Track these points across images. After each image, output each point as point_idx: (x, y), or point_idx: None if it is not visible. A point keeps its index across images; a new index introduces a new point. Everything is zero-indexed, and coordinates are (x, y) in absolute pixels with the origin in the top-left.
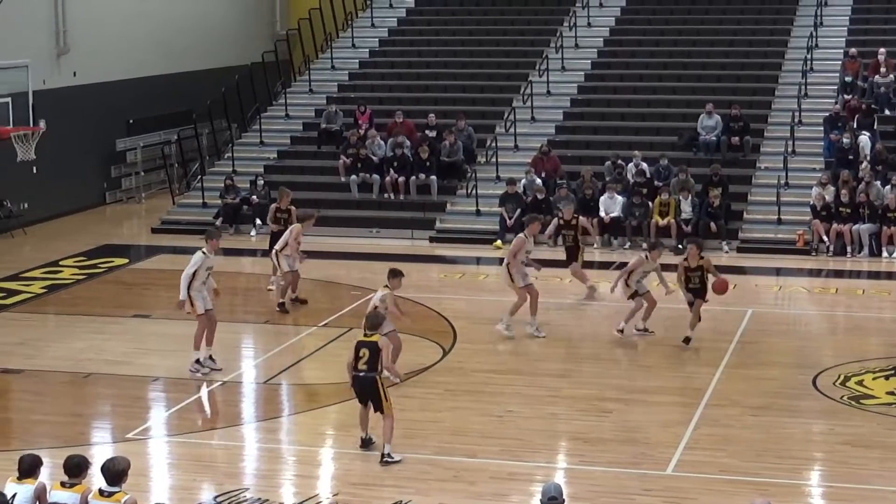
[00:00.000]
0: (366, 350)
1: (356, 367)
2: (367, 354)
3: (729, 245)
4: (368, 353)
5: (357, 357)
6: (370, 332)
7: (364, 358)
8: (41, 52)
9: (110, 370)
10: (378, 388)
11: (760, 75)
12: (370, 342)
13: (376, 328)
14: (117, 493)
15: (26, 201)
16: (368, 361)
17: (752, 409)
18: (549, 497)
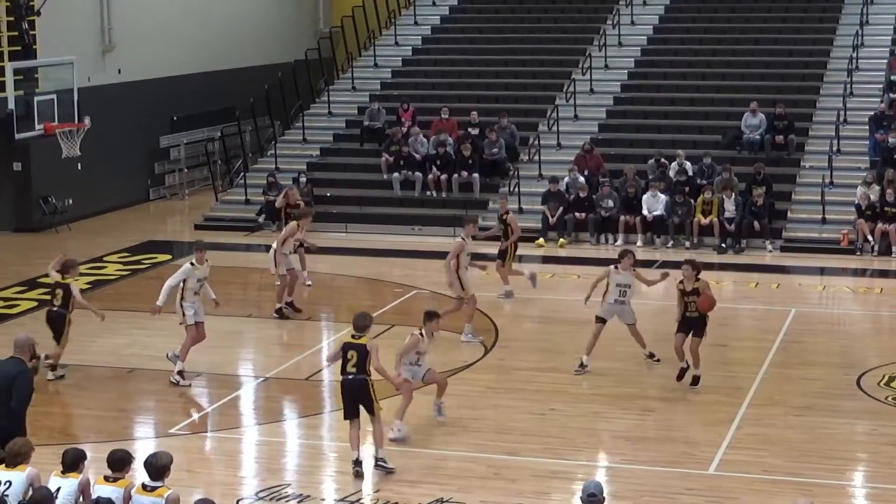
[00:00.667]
0: (354, 352)
1: (345, 369)
2: (356, 357)
3: (772, 244)
4: (357, 356)
5: (346, 360)
6: (358, 334)
7: (353, 360)
8: (86, 49)
9: (153, 365)
10: (369, 390)
11: (805, 73)
12: (359, 344)
13: (364, 329)
14: (160, 487)
15: (71, 197)
16: (357, 364)
17: (795, 408)
18: (588, 494)
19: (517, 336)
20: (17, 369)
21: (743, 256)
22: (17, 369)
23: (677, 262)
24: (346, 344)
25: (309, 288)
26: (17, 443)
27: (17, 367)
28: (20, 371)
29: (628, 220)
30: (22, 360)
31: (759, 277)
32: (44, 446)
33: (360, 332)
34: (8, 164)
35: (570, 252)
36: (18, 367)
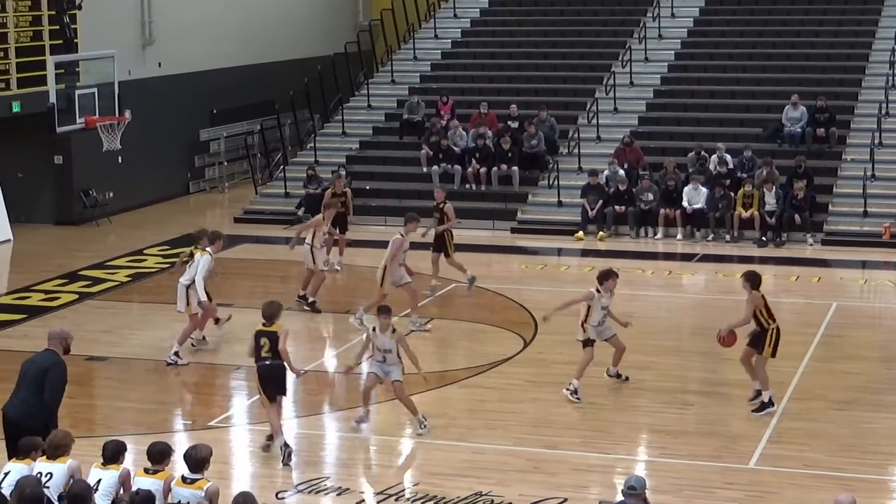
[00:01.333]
0: (266, 339)
1: (259, 356)
2: (269, 344)
3: (814, 238)
4: (269, 343)
5: (259, 347)
6: (268, 322)
7: (266, 347)
8: (127, 42)
9: (193, 358)
10: (284, 376)
11: (847, 66)
12: (269, 332)
13: (273, 318)
14: (200, 480)
15: (111, 190)
16: (271, 350)
17: (836, 403)
18: (628, 486)
19: (556, 329)
20: (51, 361)
21: (783, 250)
22: (50, 361)
23: (717, 256)
24: (258, 332)
25: (337, 273)
26: (58, 434)
27: (51, 359)
28: (53, 363)
29: (668, 214)
30: (55, 352)
31: (799, 271)
32: (84, 438)
33: (269, 321)
34: (49, 157)
35: (609, 245)
36: (52, 358)
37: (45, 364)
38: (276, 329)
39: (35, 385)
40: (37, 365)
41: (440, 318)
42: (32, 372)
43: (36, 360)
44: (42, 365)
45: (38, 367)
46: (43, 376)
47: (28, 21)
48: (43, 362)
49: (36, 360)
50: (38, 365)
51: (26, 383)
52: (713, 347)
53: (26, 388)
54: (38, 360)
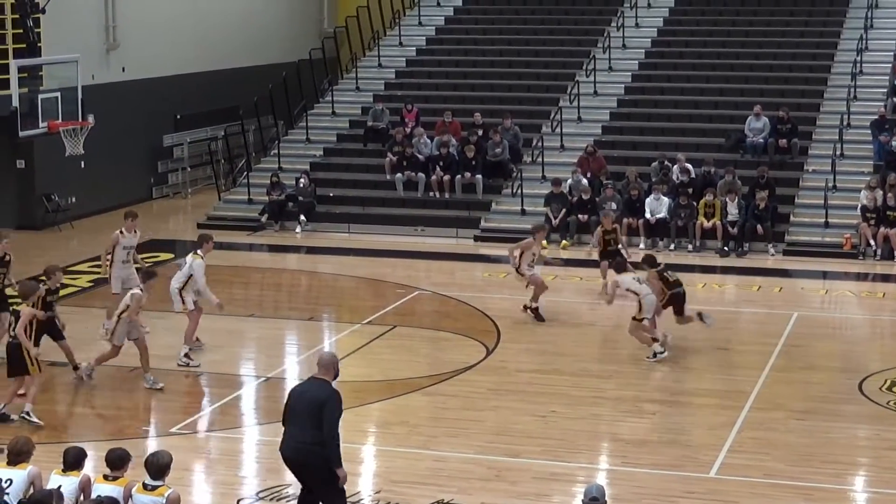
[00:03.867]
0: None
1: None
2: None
3: (775, 248)
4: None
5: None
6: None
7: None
8: (91, 47)
9: (154, 365)
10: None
11: (809, 77)
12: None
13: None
14: (160, 486)
15: (74, 195)
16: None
17: (796, 412)
18: (590, 497)
19: (518, 338)
20: (326, 393)
21: (745, 260)
22: (325, 393)
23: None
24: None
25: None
26: (19, 441)
27: (326, 391)
28: (329, 395)
29: (631, 223)
30: (328, 383)
31: (761, 281)
32: (44, 445)
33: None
34: (11, 161)
35: (572, 254)
36: (327, 389)
37: (320, 396)
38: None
39: (311, 419)
40: (310, 396)
41: (403, 326)
42: (305, 405)
43: (308, 392)
44: (317, 396)
45: (311, 399)
46: (319, 410)
47: None
48: (317, 394)
49: (308, 391)
50: (311, 396)
51: (301, 418)
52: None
53: (301, 423)
54: (309, 391)
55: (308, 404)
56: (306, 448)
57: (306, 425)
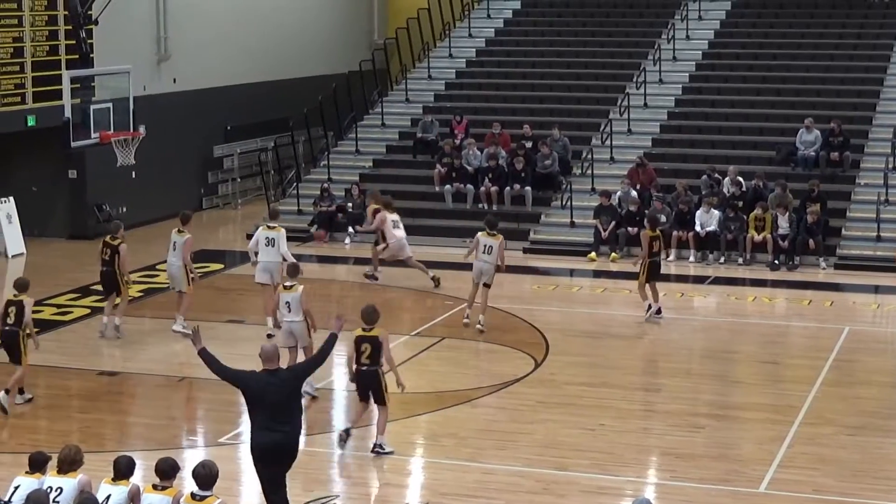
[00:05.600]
0: (367, 345)
1: (359, 361)
2: (370, 349)
3: (826, 262)
4: (370, 348)
5: (359, 352)
6: (368, 327)
7: (366, 353)
8: (142, 58)
9: (204, 374)
10: (380, 380)
11: (861, 90)
12: (372, 337)
13: (373, 322)
14: (209, 497)
15: (125, 205)
16: (371, 356)
17: (848, 428)
18: None
19: (568, 350)
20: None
21: (796, 273)
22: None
23: (730, 279)
24: (358, 337)
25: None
26: (70, 449)
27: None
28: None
29: (681, 236)
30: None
31: (812, 295)
32: (94, 453)
33: (370, 325)
34: (63, 171)
35: (621, 266)
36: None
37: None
38: (376, 334)
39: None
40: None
41: (451, 338)
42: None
43: (270, 385)
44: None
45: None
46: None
47: (44, 36)
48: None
49: (269, 384)
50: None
51: (272, 411)
52: (723, 370)
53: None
54: (271, 383)
55: (276, 397)
56: (284, 438)
57: (279, 417)
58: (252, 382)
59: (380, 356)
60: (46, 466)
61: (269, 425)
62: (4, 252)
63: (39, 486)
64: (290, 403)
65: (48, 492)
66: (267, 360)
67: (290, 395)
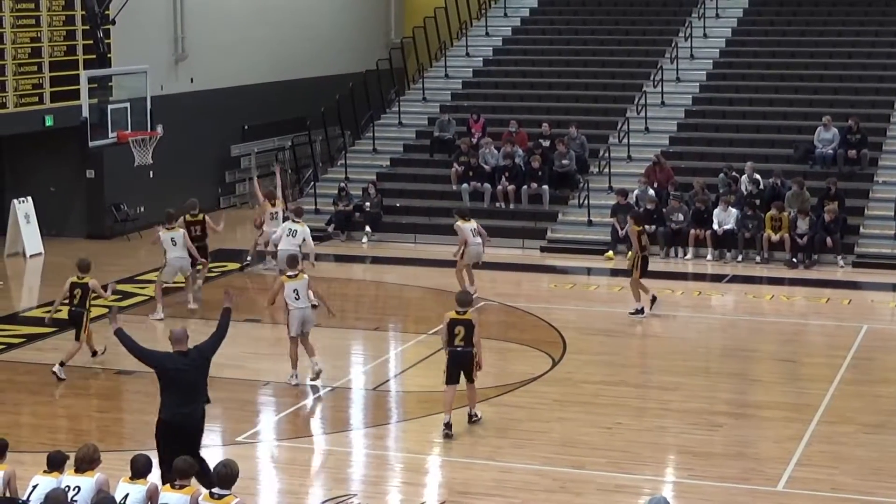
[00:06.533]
0: (461, 327)
1: (453, 343)
2: (463, 331)
3: (844, 260)
4: (464, 330)
5: (453, 334)
6: (462, 310)
7: (460, 335)
8: (160, 58)
9: (221, 374)
10: (473, 360)
11: (879, 87)
12: (465, 320)
13: (467, 305)
14: (227, 496)
15: (142, 205)
16: (465, 338)
17: (866, 426)
18: None
19: (584, 349)
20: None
21: (814, 272)
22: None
23: (747, 277)
24: (452, 320)
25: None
26: (88, 448)
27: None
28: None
29: (698, 234)
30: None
31: (830, 293)
32: (113, 452)
33: (463, 308)
34: (81, 171)
35: None
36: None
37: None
38: (470, 317)
39: (195, 390)
40: (187, 370)
41: None
42: (187, 378)
43: (183, 366)
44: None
45: (189, 371)
46: (202, 378)
47: (62, 36)
48: (191, 364)
49: (181, 364)
50: (188, 369)
51: (185, 390)
52: (742, 368)
53: (186, 395)
54: (184, 364)
55: (188, 376)
56: (195, 416)
57: (192, 396)
58: (167, 363)
59: (472, 337)
60: (64, 466)
61: (181, 403)
62: (23, 252)
63: (57, 486)
64: (200, 383)
65: (66, 491)
66: (177, 342)
67: (200, 375)
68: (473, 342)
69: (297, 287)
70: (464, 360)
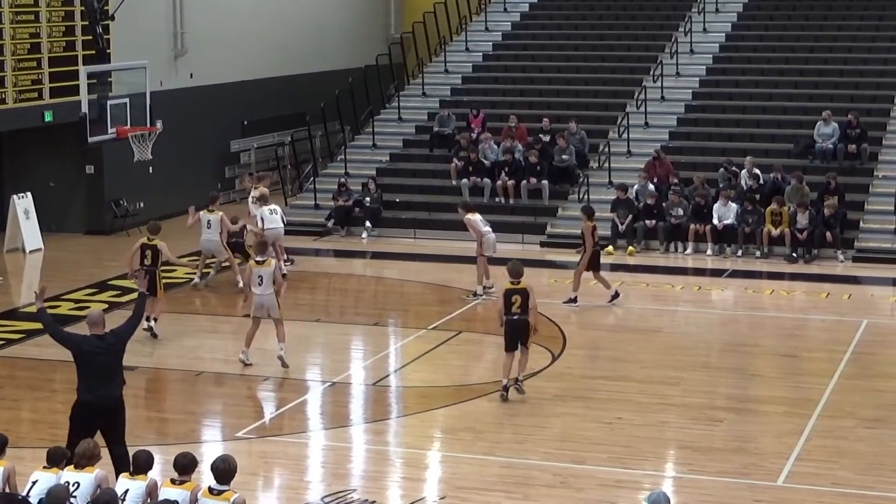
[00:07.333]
0: (518, 296)
1: (510, 311)
2: (520, 300)
3: (844, 254)
4: (521, 299)
5: (510, 303)
6: (516, 280)
7: (517, 303)
8: (159, 53)
9: (221, 369)
10: (529, 327)
11: (880, 82)
12: (521, 289)
13: (520, 275)
14: (226, 491)
15: (142, 200)
16: (521, 305)
17: (866, 421)
18: None
19: (584, 344)
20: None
21: (814, 266)
22: (112, 344)
23: (747, 272)
24: (508, 290)
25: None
26: (88, 445)
27: (110, 343)
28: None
29: (698, 229)
30: (106, 333)
31: (830, 288)
32: None
33: (517, 279)
34: (81, 167)
35: (639, 260)
36: (109, 340)
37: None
38: (524, 286)
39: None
40: (103, 352)
41: (468, 332)
42: (103, 361)
43: (99, 349)
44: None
45: (105, 353)
46: (117, 361)
47: (61, 31)
48: (107, 348)
49: (97, 348)
50: (104, 352)
51: (102, 372)
52: (742, 363)
53: (103, 377)
54: (100, 348)
55: (104, 358)
56: (111, 398)
57: (108, 378)
58: (84, 345)
59: (528, 305)
60: (64, 462)
61: (97, 386)
62: (22, 247)
63: (57, 482)
64: (115, 365)
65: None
66: (93, 325)
67: (116, 357)
68: (529, 309)
69: (262, 274)
70: (520, 328)
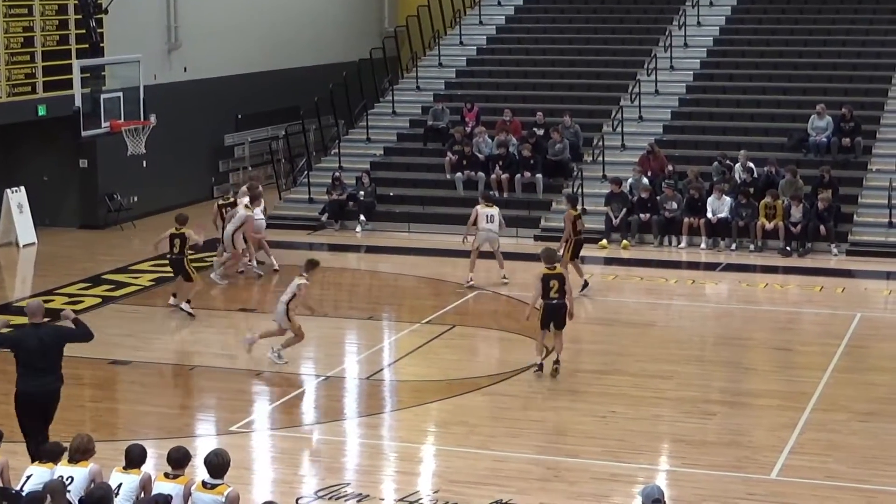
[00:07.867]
0: (555, 281)
1: (548, 295)
2: (557, 284)
3: (838, 248)
4: (558, 284)
5: (548, 287)
6: (552, 266)
7: (555, 288)
8: (153, 47)
9: (215, 363)
10: (566, 311)
11: (873, 76)
12: (558, 273)
13: (555, 261)
14: (220, 485)
15: (136, 195)
16: (559, 290)
17: (860, 414)
18: (652, 500)
19: (578, 338)
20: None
21: (808, 260)
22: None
23: (741, 265)
24: (546, 275)
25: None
26: (82, 439)
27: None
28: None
29: (692, 223)
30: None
31: (823, 281)
32: (106, 442)
33: (552, 264)
34: (74, 161)
35: (633, 254)
36: (51, 330)
37: (51, 341)
38: (560, 271)
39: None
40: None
41: (462, 326)
42: (44, 352)
43: (39, 339)
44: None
45: (45, 344)
46: (57, 352)
47: (55, 25)
48: (47, 339)
49: (36, 338)
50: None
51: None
52: (736, 357)
53: (43, 368)
54: (40, 338)
55: (46, 350)
56: (50, 388)
57: (48, 369)
58: (20, 335)
59: (565, 289)
60: (59, 456)
61: (33, 375)
62: (16, 241)
63: (51, 476)
64: (51, 357)
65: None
66: (32, 315)
67: (52, 350)
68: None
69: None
70: (558, 311)
